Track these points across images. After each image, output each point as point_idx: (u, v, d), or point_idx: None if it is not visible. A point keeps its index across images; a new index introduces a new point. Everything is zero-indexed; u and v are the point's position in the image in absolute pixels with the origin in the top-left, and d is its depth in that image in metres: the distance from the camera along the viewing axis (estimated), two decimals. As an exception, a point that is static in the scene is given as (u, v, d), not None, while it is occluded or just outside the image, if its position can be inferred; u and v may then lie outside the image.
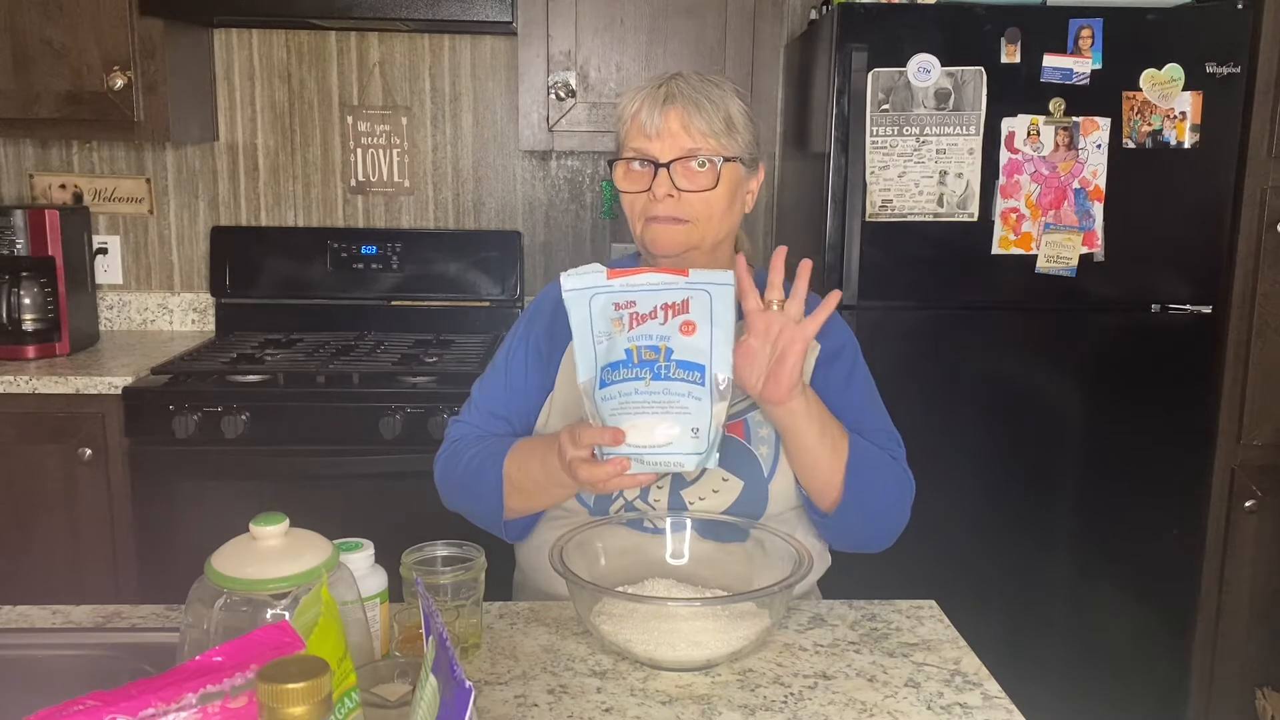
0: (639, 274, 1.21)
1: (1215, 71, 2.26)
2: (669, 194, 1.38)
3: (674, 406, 1.20)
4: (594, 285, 1.21)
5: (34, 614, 1.25)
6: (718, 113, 1.40)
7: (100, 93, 2.50)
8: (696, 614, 1.14)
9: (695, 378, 1.20)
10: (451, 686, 0.69)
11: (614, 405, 1.21)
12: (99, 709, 0.67)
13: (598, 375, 1.22)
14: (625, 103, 1.44)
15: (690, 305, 1.20)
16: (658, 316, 1.20)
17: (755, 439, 1.42)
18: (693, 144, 1.39)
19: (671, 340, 1.19)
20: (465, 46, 2.89)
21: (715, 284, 1.20)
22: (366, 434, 2.30)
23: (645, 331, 1.20)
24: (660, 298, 1.20)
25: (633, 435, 1.20)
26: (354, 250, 2.83)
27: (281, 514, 0.96)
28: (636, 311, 1.20)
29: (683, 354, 1.20)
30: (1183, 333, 2.36)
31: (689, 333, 1.20)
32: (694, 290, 1.20)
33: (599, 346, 1.22)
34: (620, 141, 1.45)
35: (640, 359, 1.20)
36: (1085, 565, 2.42)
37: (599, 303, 1.21)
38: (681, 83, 1.41)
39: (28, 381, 2.33)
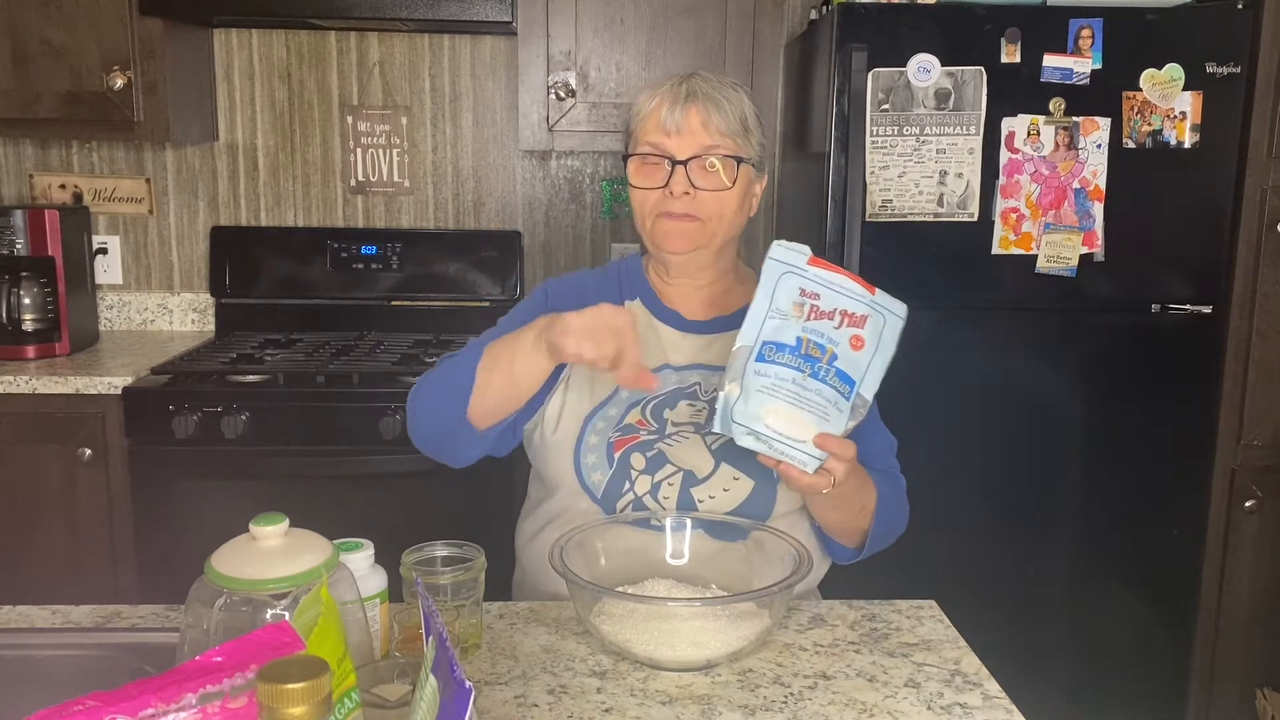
0: (835, 271, 1.25)
1: (1215, 71, 2.26)
2: (685, 191, 1.40)
3: (819, 409, 1.23)
4: (794, 265, 1.25)
5: (34, 614, 1.25)
6: (735, 113, 1.42)
7: (100, 93, 2.50)
8: (696, 614, 1.14)
9: (845, 390, 1.24)
10: (451, 686, 0.69)
11: (767, 382, 1.24)
12: (99, 709, 0.67)
13: (757, 345, 1.25)
14: (643, 99, 1.45)
15: (867, 322, 1.24)
16: (834, 319, 1.24)
17: None
18: (711, 142, 1.41)
19: (840, 347, 1.24)
20: (465, 46, 2.89)
21: (892, 312, 1.25)
22: (366, 434, 2.30)
23: (819, 328, 1.24)
24: (843, 303, 1.24)
25: (772, 419, 1.23)
26: (354, 250, 2.83)
27: (281, 514, 0.96)
28: (818, 306, 1.24)
29: (844, 364, 1.24)
30: (1183, 333, 2.36)
31: (857, 347, 1.24)
32: (874, 310, 1.24)
33: (770, 321, 1.25)
34: (634, 137, 1.45)
35: (807, 352, 1.24)
36: (1085, 565, 2.42)
37: (790, 282, 1.25)
38: (701, 81, 1.43)
39: (28, 381, 2.33)
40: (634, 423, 1.44)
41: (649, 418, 1.44)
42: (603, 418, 1.44)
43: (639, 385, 1.28)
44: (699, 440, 1.42)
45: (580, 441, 1.43)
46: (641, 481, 1.40)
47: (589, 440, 1.43)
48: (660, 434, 1.43)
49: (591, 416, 1.45)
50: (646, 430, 1.43)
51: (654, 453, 1.42)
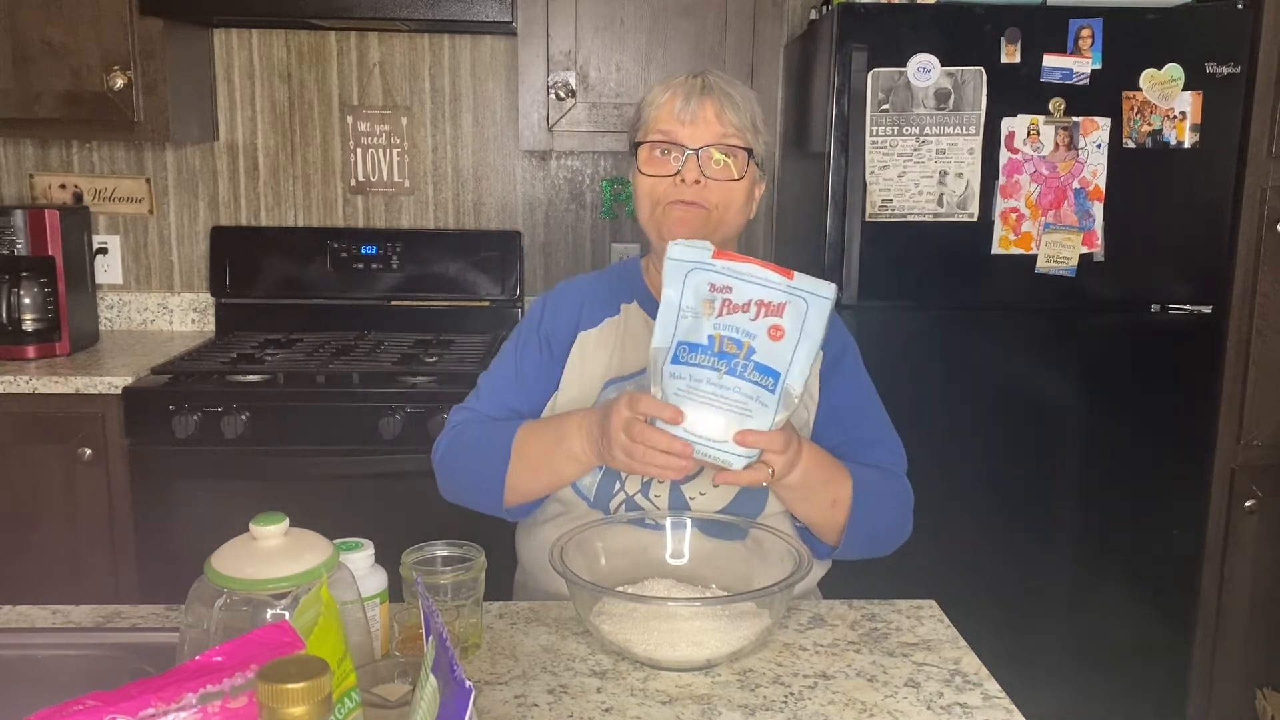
0: (746, 261, 1.19)
1: (1215, 71, 2.26)
2: (697, 180, 1.41)
3: (739, 406, 1.18)
4: (698, 260, 1.20)
5: (34, 614, 1.25)
6: (748, 110, 1.44)
7: (100, 93, 2.50)
8: (696, 614, 1.14)
9: (768, 383, 1.18)
10: (451, 686, 0.69)
11: (682, 385, 1.20)
12: (99, 709, 0.67)
13: (672, 348, 1.21)
14: (656, 90, 1.46)
15: (786, 310, 1.17)
16: (749, 311, 1.18)
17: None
18: (724, 132, 1.42)
19: (756, 340, 1.17)
20: (465, 46, 2.89)
21: (815, 294, 1.17)
22: (366, 434, 2.30)
23: (733, 323, 1.18)
24: (758, 293, 1.17)
25: (691, 422, 1.19)
26: (354, 250, 2.83)
27: (281, 514, 0.96)
28: (730, 299, 1.18)
29: (763, 357, 1.18)
30: (1183, 333, 2.36)
31: (776, 337, 1.17)
32: (794, 296, 1.17)
33: (682, 321, 1.20)
34: (646, 125, 1.46)
35: (721, 349, 1.18)
36: (1085, 565, 2.42)
37: (696, 278, 1.20)
38: (715, 77, 1.45)
39: (28, 381, 2.33)
40: None
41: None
42: None
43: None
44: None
45: None
46: (631, 482, 1.41)
47: None
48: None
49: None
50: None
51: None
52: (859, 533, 1.39)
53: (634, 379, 1.47)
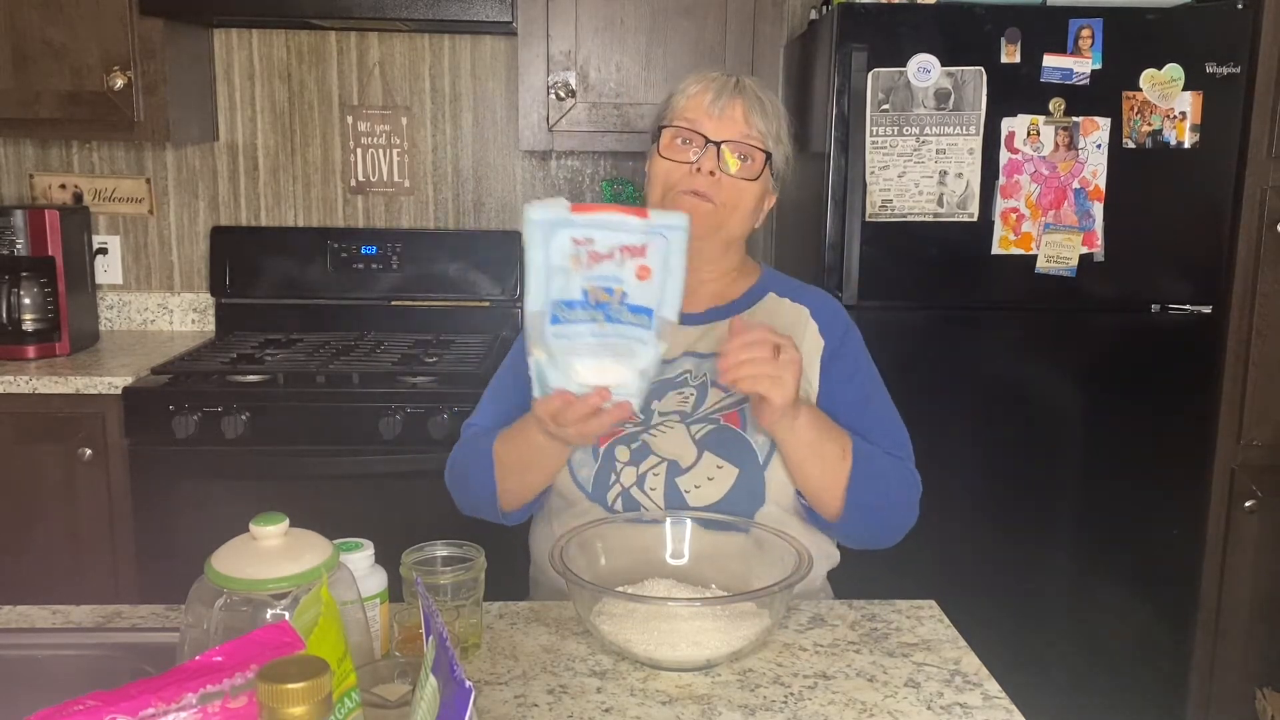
0: (600, 211, 1.22)
1: (1215, 71, 2.26)
2: (712, 171, 1.43)
3: (624, 350, 1.23)
4: (558, 218, 1.22)
5: (34, 614, 1.25)
6: (775, 119, 1.47)
7: (100, 93, 2.50)
8: (696, 614, 1.14)
9: (644, 321, 1.23)
10: (451, 686, 0.69)
11: (566, 343, 1.23)
12: (99, 709, 0.67)
13: (549, 309, 1.23)
14: (689, 81, 1.48)
15: (648, 250, 1.21)
16: (614, 258, 1.21)
17: (751, 428, 1.43)
18: (749, 132, 1.44)
19: (626, 284, 1.22)
20: (465, 46, 2.89)
21: (672, 227, 1.22)
22: (366, 434, 2.30)
23: (601, 272, 1.22)
24: (620, 239, 1.21)
25: (584, 375, 1.24)
26: (354, 250, 2.83)
27: (281, 514, 0.95)
28: (594, 250, 1.21)
29: (635, 298, 1.22)
30: (1183, 333, 2.36)
31: (644, 277, 1.22)
32: (653, 235, 1.22)
33: (554, 280, 1.23)
34: (672, 112, 1.47)
35: (596, 300, 1.22)
36: (1085, 565, 2.42)
37: (560, 237, 1.22)
38: (749, 82, 1.48)
39: (28, 381, 2.33)
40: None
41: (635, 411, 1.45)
42: None
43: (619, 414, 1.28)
44: (683, 430, 1.43)
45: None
46: (627, 473, 1.42)
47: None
48: (645, 425, 1.44)
49: None
50: (632, 423, 1.44)
51: (638, 444, 1.43)
52: (857, 506, 1.38)
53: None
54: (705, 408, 1.45)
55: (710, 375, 1.47)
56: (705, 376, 1.48)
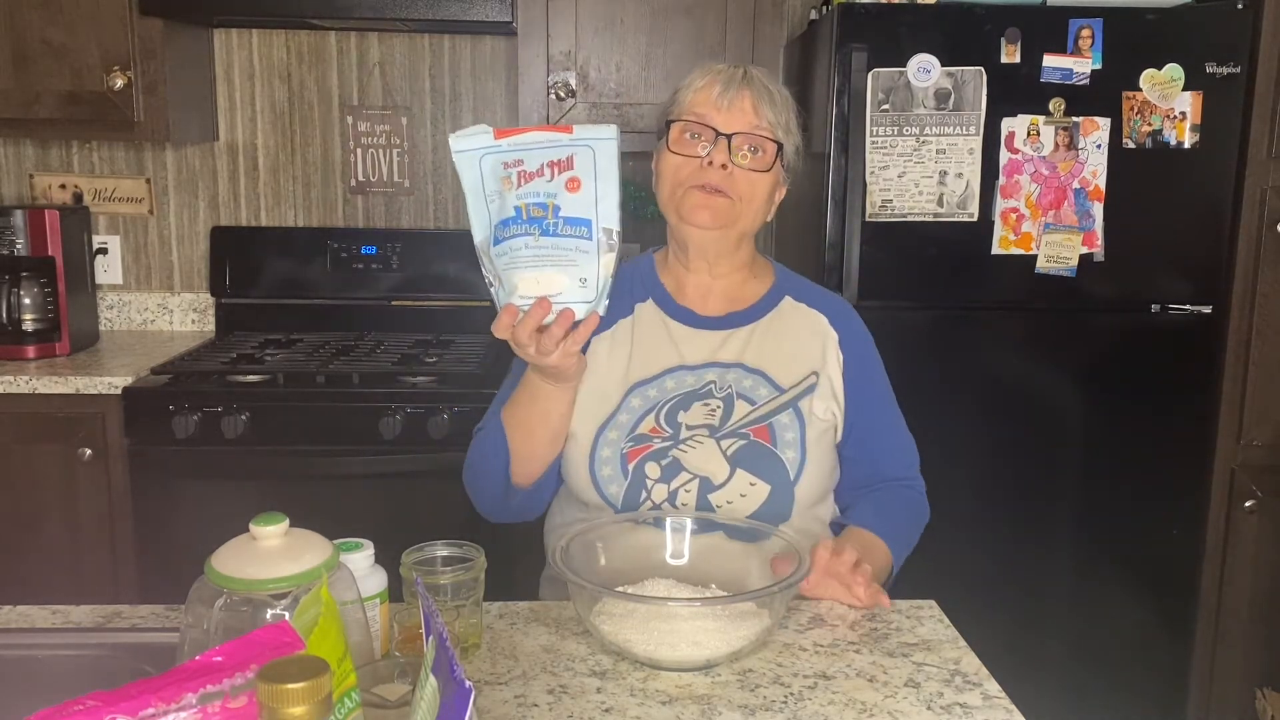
0: (525, 132, 1.23)
1: (1215, 71, 2.26)
2: (724, 164, 1.41)
3: (562, 259, 1.24)
4: (483, 146, 1.24)
5: (34, 614, 1.25)
6: (784, 109, 1.46)
7: (100, 93, 2.50)
8: (696, 614, 1.14)
9: (582, 232, 1.24)
10: (451, 686, 0.69)
11: (506, 260, 1.25)
12: (99, 709, 0.67)
13: (491, 233, 1.26)
14: (696, 74, 1.46)
15: (575, 161, 1.22)
16: (544, 174, 1.23)
17: (781, 443, 1.43)
18: (759, 123, 1.43)
19: (559, 197, 1.23)
20: (465, 46, 2.89)
21: (598, 139, 1.22)
22: (366, 434, 2.30)
23: (533, 189, 1.23)
24: (546, 155, 1.22)
25: (524, 287, 1.25)
26: (354, 250, 2.83)
27: (281, 514, 0.95)
28: (524, 169, 1.23)
29: (570, 210, 1.23)
30: (1183, 333, 2.36)
31: (574, 189, 1.23)
32: (578, 146, 1.22)
33: (491, 206, 1.25)
34: (679, 106, 1.46)
35: (529, 215, 1.23)
36: (1085, 565, 2.42)
37: (488, 163, 1.24)
38: (756, 72, 1.46)
39: (28, 381, 2.33)
40: (647, 431, 1.43)
41: (662, 424, 1.44)
42: (614, 427, 1.44)
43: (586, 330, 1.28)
44: (713, 445, 1.42)
45: (594, 454, 1.43)
46: (658, 490, 1.41)
47: (602, 453, 1.43)
48: (675, 440, 1.42)
49: (603, 428, 1.44)
50: (660, 438, 1.43)
51: (668, 460, 1.41)
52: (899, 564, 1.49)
53: (657, 381, 1.47)
54: (733, 421, 1.44)
55: (736, 388, 1.46)
56: (730, 388, 1.46)
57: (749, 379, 1.47)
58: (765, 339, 1.50)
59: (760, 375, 1.47)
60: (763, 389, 1.46)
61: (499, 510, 1.51)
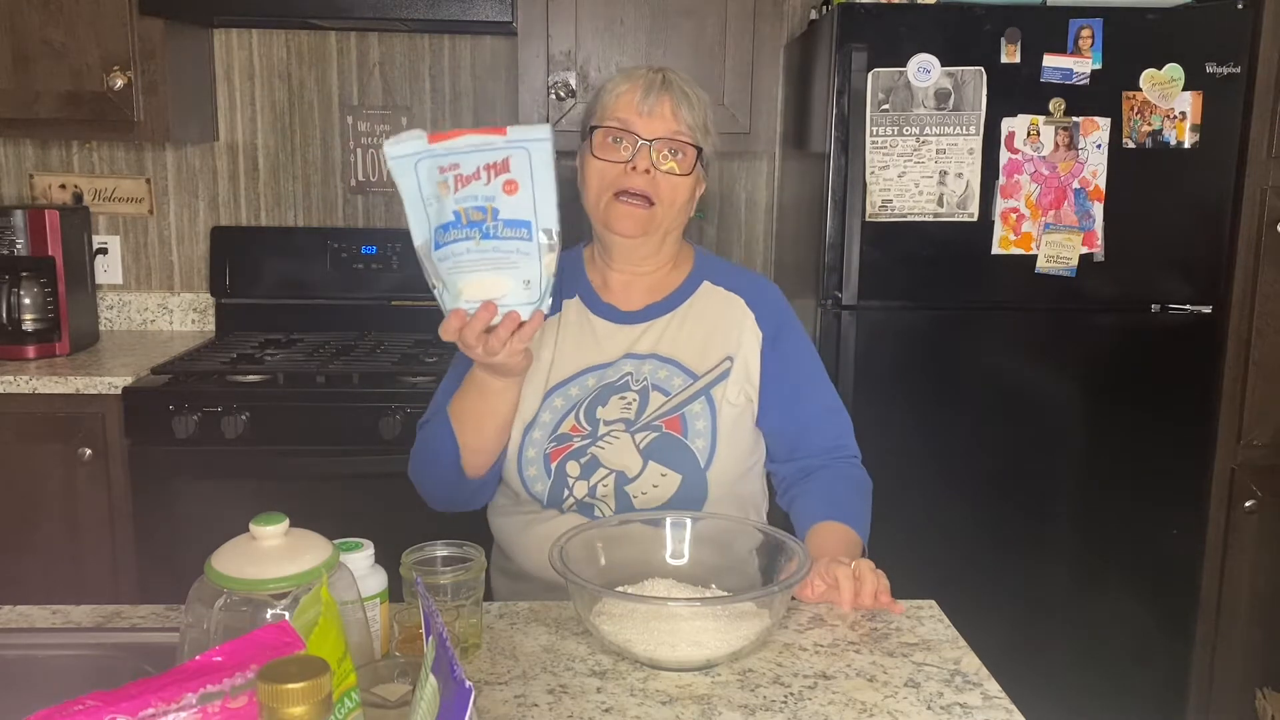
0: (458, 136, 1.23)
1: (1215, 71, 2.26)
2: (647, 169, 1.45)
3: (504, 262, 1.24)
4: (417, 151, 1.24)
5: (34, 614, 1.25)
6: (701, 111, 1.49)
7: (100, 93, 2.50)
8: (696, 614, 1.14)
9: (523, 234, 1.23)
10: (451, 686, 0.69)
11: (449, 265, 1.25)
12: (99, 709, 0.67)
13: (431, 237, 1.26)
14: (615, 80, 1.50)
15: (511, 164, 1.22)
16: (481, 177, 1.22)
17: (691, 433, 1.47)
18: (678, 129, 1.46)
19: (496, 200, 1.23)
20: (465, 46, 2.89)
21: (532, 140, 1.22)
22: (366, 434, 2.30)
23: (470, 193, 1.23)
24: (481, 158, 1.22)
25: (469, 291, 1.25)
26: (354, 250, 2.83)
27: (281, 514, 0.95)
28: (460, 173, 1.23)
29: (508, 213, 1.23)
30: (1183, 333, 2.36)
31: (512, 191, 1.23)
32: (513, 149, 1.22)
33: (429, 209, 1.25)
34: (602, 111, 1.49)
35: (469, 219, 1.23)
36: (1085, 565, 2.42)
37: (424, 168, 1.24)
38: (673, 76, 1.49)
39: (28, 381, 2.33)
40: (568, 430, 1.48)
41: (581, 421, 1.48)
42: (538, 427, 1.49)
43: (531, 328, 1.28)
44: (628, 440, 1.47)
45: (521, 455, 1.48)
46: (579, 487, 1.46)
47: (528, 453, 1.48)
48: (593, 437, 1.47)
49: (528, 429, 1.49)
50: (579, 436, 1.47)
51: (587, 458, 1.47)
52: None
53: (578, 380, 1.50)
54: (647, 414, 1.48)
55: (650, 379, 1.50)
56: (646, 380, 1.50)
57: (664, 369, 1.50)
58: (682, 327, 1.53)
59: (674, 365, 1.50)
60: (677, 379, 1.50)
61: (448, 502, 1.54)
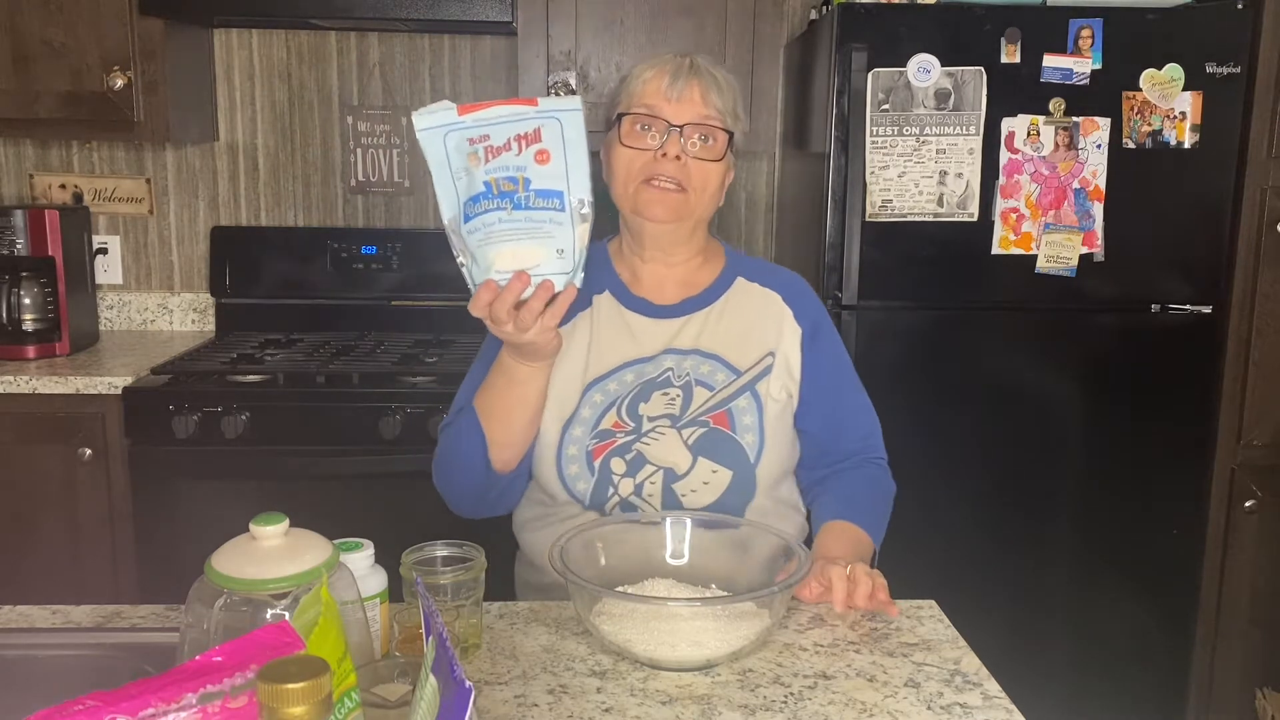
0: (489, 107, 1.21)
1: (1215, 71, 2.26)
2: (678, 156, 1.42)
3: (537, 232, 1.22)
4: (447, 123, 1.21)
5: (34, 614, 1.25)
6: (731, 95, 1.46)
7: (100, 93, 2.50)
8: (696, 614, 1.14)
9: (555, 204, 1.22)
10: (451, 686, 0.69)
11: (480, 237, 1.23)
12: (99, 709, 0.67)
13: (461, 210, 1.24)
14: (641, 66, 1.46)
15: (542, 134, 1.20)
16: (511, 148, 1.21)
17: (740, 428, 1.45)
18: (708, 113, 1.43)
19: (528, 170, 1.21)
20: (465, 46, 2.89)
21: (564, 110, 1.20)
22: (366, 434, 2.30)
23: (501, 164, 1.21)
24: (513, 129, 1.20)
25: (501, 261, 1.23)
26: (354, 250, 2.83)
27: (281, 514, 0.95)
28: (491, 145, 1.21)
29: (540, 182, 1.21)
30: (1183, 333, 2.36)
31: (544, 161, 1.21)
32: (544, 119, 1.20)
33: (459, 183, 1.23)
34: (629, 98, 1.45)
35: (500, 190, 1.22)
36: (1085, 565, 2.42)
37: (453, 139, 1.22)
38: (701, 60, 1.46)
39: (28, 381, 2.33)
40: (610, 426, 1.45)
41: (624, 417, 1.45)
42: (578, 424, 1.45)
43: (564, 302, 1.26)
44: (675, 435, 1.44)
45: (560, 452, 1.45)
46: (624, 484, 1.43)
47: (568, 451, 1.45)
48: (637, 433, 1.44)
49: (568, 424, 1.45)
50: (623, 432, 1.44)
51: (632, 454, 1.43)
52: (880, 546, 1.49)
53: (616, 375, 1.47)
54: (693, 410, 1.45)
55: (693, 374, 1.47)
56: (689, 375, 1.47)
57: (706, 364, 1.48)
58: (720, 322, 1.51)
59: (717, 360, 1.48)
60: (720, 374, 1.47)
61: (477, 504, 1.50)
